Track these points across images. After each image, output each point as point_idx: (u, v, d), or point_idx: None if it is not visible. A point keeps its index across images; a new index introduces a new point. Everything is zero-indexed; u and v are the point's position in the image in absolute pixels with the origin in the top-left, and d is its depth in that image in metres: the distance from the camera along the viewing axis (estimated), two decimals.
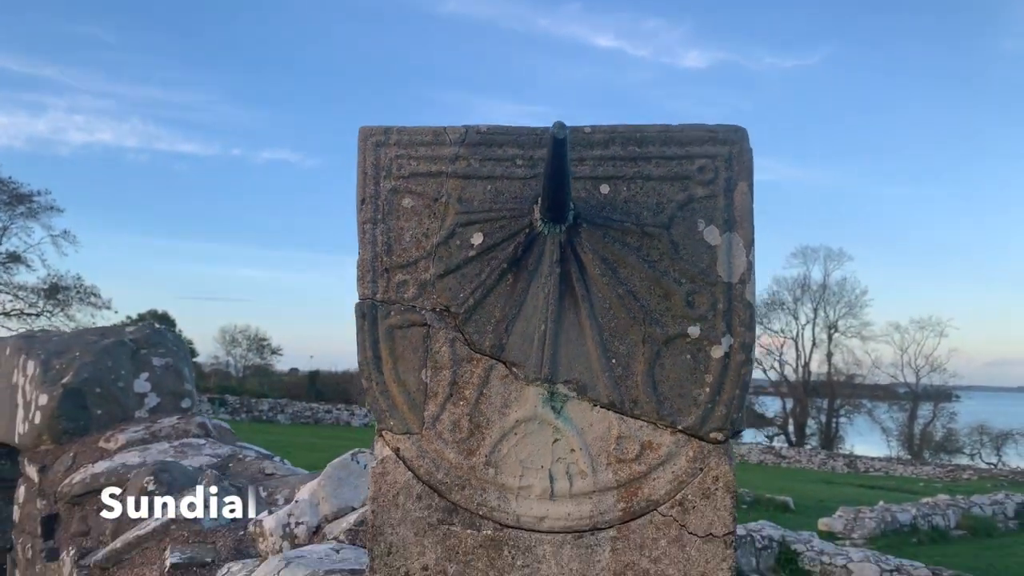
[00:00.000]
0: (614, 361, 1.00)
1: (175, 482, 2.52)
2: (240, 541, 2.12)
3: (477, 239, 1.04)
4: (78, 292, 48.25)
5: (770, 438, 55.32)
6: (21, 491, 3.29)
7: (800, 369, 58.45)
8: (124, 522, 2.45)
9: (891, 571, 11.13)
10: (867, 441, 53.36)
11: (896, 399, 56.82)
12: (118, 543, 2.26)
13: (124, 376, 3.25)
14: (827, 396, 56.58)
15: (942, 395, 60.03)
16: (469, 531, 1.00)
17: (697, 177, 1.02)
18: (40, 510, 2.98)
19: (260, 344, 50.76)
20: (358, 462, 1.79)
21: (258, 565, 1.67)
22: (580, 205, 1.03)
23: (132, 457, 2.82)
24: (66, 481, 2.83)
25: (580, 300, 1.01)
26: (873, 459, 39.34)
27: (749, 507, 16.87)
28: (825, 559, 11.62)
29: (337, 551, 1.46)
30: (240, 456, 2.83)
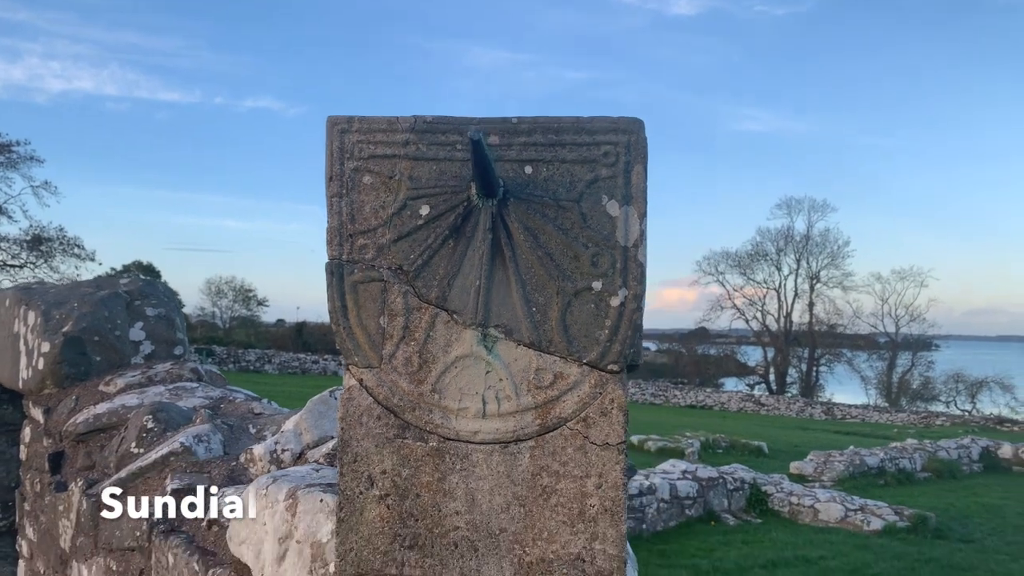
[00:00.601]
0: (534, 309, 1.25)
1: (172, 420, 2.77)
2: (232, 471, 2.38)
3: (425, 210, 1.28)
4: (61, 243, 47.85)
5: (751, 387, 56.33)
6: (27, 432, 3.54)
7: (782, 319, 59.22)
8: (126, 456, 2.71)
9: (856, 510, 11.69)
10: (846, 389, 54.49)
11: (877, 349, 57.89)
12: (123, 473, 2.53)
13: (120, 325, 3.48)
14: (808, 346, 57.54)
15: (922, 344, 61.10)
16: (419, 443, 1.26)
17: (602, 160, 1.26)
18: (46, 448, 3.24)
19: (246, 295, 50.73)
20: (335, 398, 2.05)
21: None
22: (508, 182, 1.27)
23: (131, 399, 3.06)
24: (70, 421, 3.08)
25: (507, 260, 1.26)
26: (850, 407, 40.30)
27: (725, 451, 17.44)
28: (794, 499, 12.16)
29: (317, 470, 1.72)
30: (230, 398, 3.08)
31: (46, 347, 3.32)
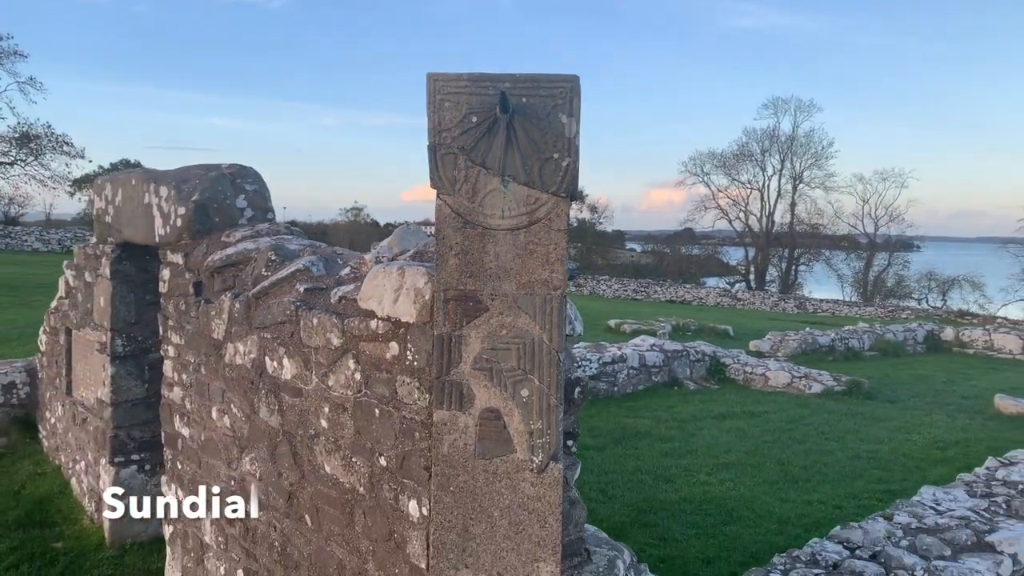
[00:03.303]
0: (527, 166, 2.67)
1: (286, 255, 4.21)
2: (337, 280, 3.83)
3: (474, 119, 2.68)
4: (50, 140, 47.74)
5: (731, 284, 58.16)
6: (166, 272, 4.98)
7: (764, 219, 60.58)
8: (259, 278, 4.16)
9: (800, 377, 13.50)
10: (824, 288, 56.51)
11: (859, 249, 59.60)
12: (266, 283, 3.98)
13: (229, 196, 4.87)
14: (789, 246, 59.13)
15: (903, 245, 62.79)
16: (472, 230, 2.70)
17: (559, 95, 2.65)
18: (188, 280, 4.69)
19: None
20: (409, 227, 3.49)
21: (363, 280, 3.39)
22: (514, 106, 2.66)
23: (249, 244, 4.49)
24: (207, 260, 4.52)
25: (514, 144, 2.67)
26: (821, 301, 42.32)
27: (694, 334, 19.24)
28: (748, 369, 13.95)
29: (408, 261, 3.17)
30: (317, 245, 4.52)
31: (182, 210, 4.73)
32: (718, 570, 6.18)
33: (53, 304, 7.41)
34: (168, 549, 5.05)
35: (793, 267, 59.29)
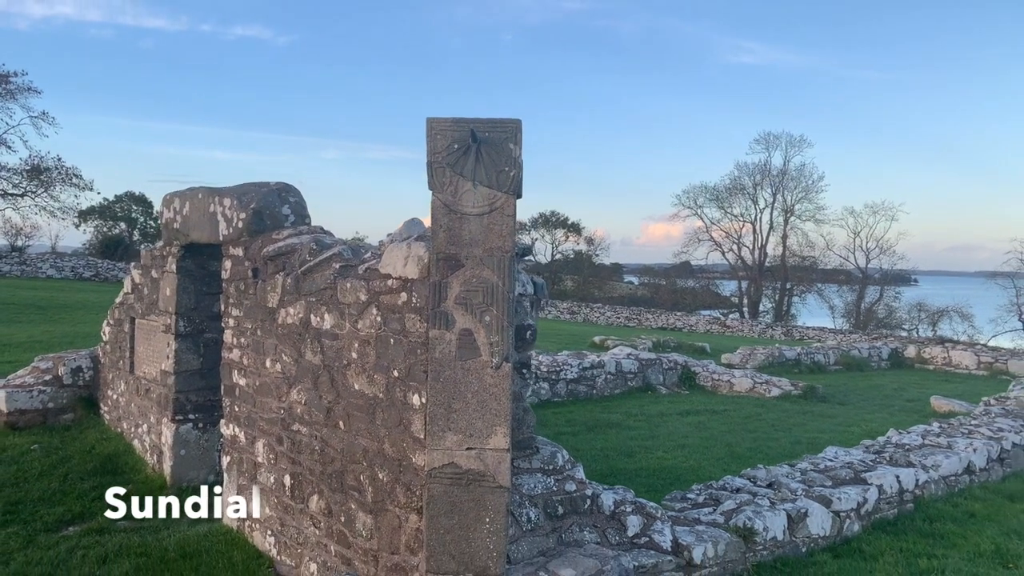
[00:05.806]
0: (489, 175, 4.25)
1: (324, 245, 5.78)
2: (362, 259, 5.38)
3: (456, 146, 4.27)
4: (60, 173, 49.47)
5: (724, 315, 59.58)
6: (228, 263, 6.54)
7: (757, 251, 62.18)
8: (303, 262, 5.71)
9: (762, 383, 14.95)
10: (817, 318, 57.83)
11: (853, 282, 61.03)
12: (311, 263, 5.53)
13: (277, 205, 6.45)
14: (781, 278, 60.68)
15: (899, 279, 64.12)
16: (455, 214, 4.27)
17: (509, 131, 4.25)
18: (247, 267, 6.26)
19: None
20: (413, 220, 5.07)
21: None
22: (481, 137, 4.25)
23: (294, 240, 6.05)
24: (263, 251, 6.08)
25: (480, 161, 4.25)
26: (808, 328, 43.70)
27: (673, 349, 20.66)
28: (716, 376, 15.42)
29: (414, 239, 4.73)
30: (346, 240, 6.08)
31: (243, 215, 6.31)
32: None
33: (118, 299, 8.98)
34: (225, 475, 6.55)
35: (786, 298, 60.73)
